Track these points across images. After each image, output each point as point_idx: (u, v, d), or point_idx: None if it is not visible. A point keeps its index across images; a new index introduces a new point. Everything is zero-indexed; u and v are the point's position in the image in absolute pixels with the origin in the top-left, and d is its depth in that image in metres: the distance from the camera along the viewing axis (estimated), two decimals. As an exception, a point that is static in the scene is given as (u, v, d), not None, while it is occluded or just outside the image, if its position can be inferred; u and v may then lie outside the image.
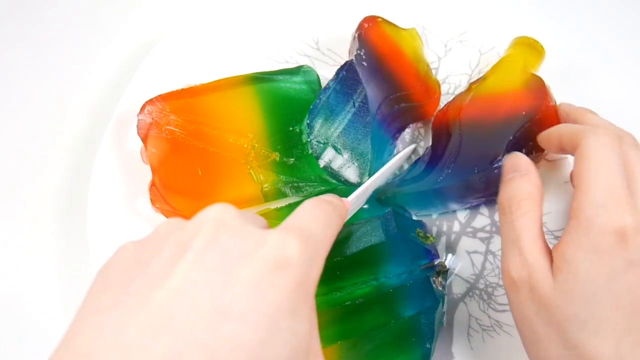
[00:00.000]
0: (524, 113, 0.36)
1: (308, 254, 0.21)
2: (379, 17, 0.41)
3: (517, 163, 0.31)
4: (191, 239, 0.20)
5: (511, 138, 0.35)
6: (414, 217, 0.40)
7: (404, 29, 0.42)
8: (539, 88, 0.37)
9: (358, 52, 0.39)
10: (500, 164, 0.35)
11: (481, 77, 0.40)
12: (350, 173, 0.38)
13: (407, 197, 0.38)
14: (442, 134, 0.39)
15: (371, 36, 0.40)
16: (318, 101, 0.37)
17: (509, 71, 0.39)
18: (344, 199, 0.29)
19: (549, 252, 0.28)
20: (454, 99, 0.40)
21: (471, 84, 0.40)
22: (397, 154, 0.41)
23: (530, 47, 0.41)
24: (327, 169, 0.37)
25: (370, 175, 0.38)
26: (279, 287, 0.19)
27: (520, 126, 0.36)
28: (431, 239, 0.37)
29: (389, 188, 0.38)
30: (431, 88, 0.41)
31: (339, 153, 0.37)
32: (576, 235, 0.27)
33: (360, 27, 0.40)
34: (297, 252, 0.20)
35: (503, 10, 0.51)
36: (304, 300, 0.20)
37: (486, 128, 0.37)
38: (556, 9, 0.51)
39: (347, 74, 0.38)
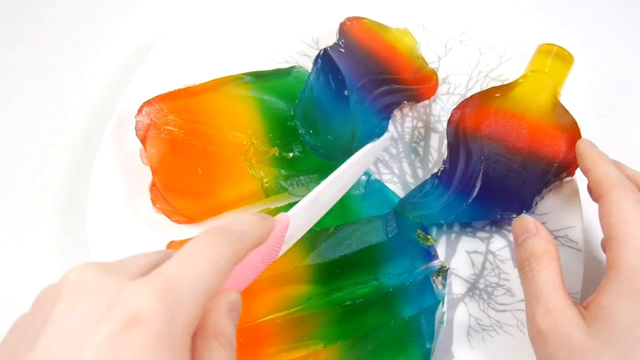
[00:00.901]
0: (556, 165, 0.36)
1: (167, 303, 0.19)
2: (364, 17, 0.42)
3: (525, 225, 0.32)
4: (52, 308, 0.20)
5: (540, 193, 0.36)
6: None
7: (395, 28, 0.42)
8: (575, 137, 0.36)
9: (337, 42, 0.40)
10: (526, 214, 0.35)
11: (505, 86, 0.39)
12: (338, 147, 0.37)
13: (427, 219, 0.38)
14: (461, 146, 0.38)
15: (353, 30, 0.41)
16: (301, 94, 0.38)
17: (538, 91, 0.38)
18: (281, 214, 0.27)
19: (574, 303, 0.29)
20: (472, 101, 0.39)
21: (493, 91, 0.39)
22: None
23: (559, 58, 0.39)
24: (323, 156, 0.37)
25: (357, 143, 0.37)
26: (132, 346, 0.18)
27: (550, 179, 0.36)
28: (431, 240, 0.37)
29: (411, 209, 0.38)
30: (427, 76, 0.41)
31: (327, 136, 0.37)
32: (616, 283, 0.27)
33: (342, 24, 0.41)
34: (150, 305, 0.19)
35: (503, 10, 0.51)
36: (170, 352, 0.18)
37: (512, 162, 0.37)
38: (556, 9, 0.51)
39: (322, 62, 0.38)
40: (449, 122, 0.39)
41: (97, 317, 0.19)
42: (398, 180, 0.41)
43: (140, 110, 0.37)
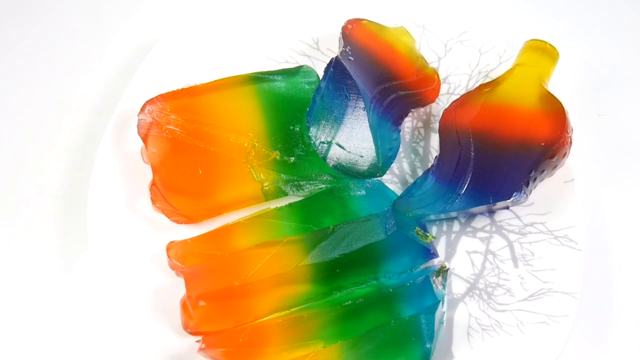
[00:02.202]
0: (542, 144, 0.36)
1: None
2: (363, 19, 0.41)
3: None
4: None
5: (529, 174, 0.36)
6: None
7: (392, 27, 0.42)
8: (559, 117, 0.37)
9: (343, 48, 0.40)
10: (517, 197, 0.35)
11: (493, 82, 0.40)
12: (360, 165, 0.38)
13: (424, 212, 0.38)
14: (452, 141, 0.38)
15: (355, 34, 0.40)
16: (313, 103, 0.37)
17: (524, 82, 0.38)
18: None
19: None
20: (462, 99, 0.40)
21: (482, 87, 0.39)
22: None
23: (543, 52, 0.40)
24: (337, 167, 0.37)
25: (380, 162, 0.38)
26: None
27: (538, 159, 0.36)
28: (430, 237, 0.37)
29: (407, 206, 0.38)
30: (429, 77, 0.41)
31: (344, 149, 0.37)
32: None
33: (344, 28, 0.41)
34: None
35: (503, 10, 0.51)
36: None
37: (501, 150, 0.37)
38: (556, 9, 0.51)
39: (335, 70, 0.38)
40: (441, 120, 0.40)
41: None
42: (398, 180, 0.41)
43: (142, 109, 0.37)
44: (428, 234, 0.37)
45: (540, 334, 0.36)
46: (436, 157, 0.39)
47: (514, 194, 0.36)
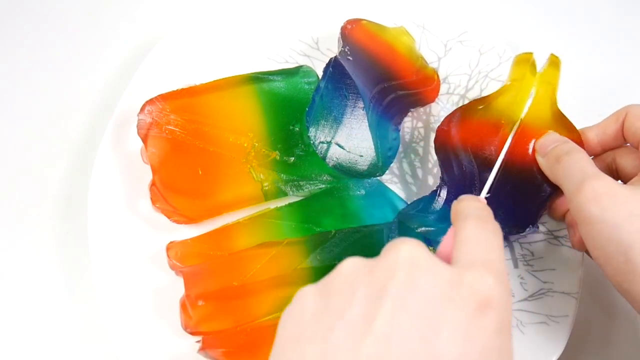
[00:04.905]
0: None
1: (503, 288, 0.20)
2: (362, 19, 0.41)
3: (553, 137, 0.35)
4: (386, 283, 0.20)
5: (545, 207, 0.35)
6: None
7: (392, 27, 0.42)
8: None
9: (342, 48, 0.40)
10: (531, 230, 0.35)
11: (486, 98, 0.38)
12: (360, 165, 0.38)
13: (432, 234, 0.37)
14: (453, 162, 0.37)
15: (355, 34, 0.40)
16: (312, 103, 0.37)
17: (522, 99, 0.37)
18: (480, 199, 0.28)
19: None
20: (454, 114, 0.38)
21: (475, 103, 0.38)
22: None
23: (549, 64, 0.38)
24: (337, 166, 0.37)
25: (380, 161, 0.38)
26: (486, 329, 0.19)
27: (555, 190, 0.35)
28: (433, 251, 0.37)
29: (414, 221, 0.37)
30: (428, 77, 0.41)
31: (343, 148, 0.37)
32: None
33: (343, 28, 0.40)
34: (495, 290, 0.20)
35: (503, 10, 0.51)
36: (507, 336, 0.20)
37: (508, 175, 0.36)
38: (556, 9, 0.51)
39: (334, 70, 0.38)
40: (436, 140, 0.38)
41: (443, 296, 0.19)
42: (398, 181, 0.41)
43: (142, 109, 0.38)
44: (431, 248, 0.37)
45: (540, 334, 0.36)
46: (440, 177, 0.38)
47: (528, 228, 0.35)
